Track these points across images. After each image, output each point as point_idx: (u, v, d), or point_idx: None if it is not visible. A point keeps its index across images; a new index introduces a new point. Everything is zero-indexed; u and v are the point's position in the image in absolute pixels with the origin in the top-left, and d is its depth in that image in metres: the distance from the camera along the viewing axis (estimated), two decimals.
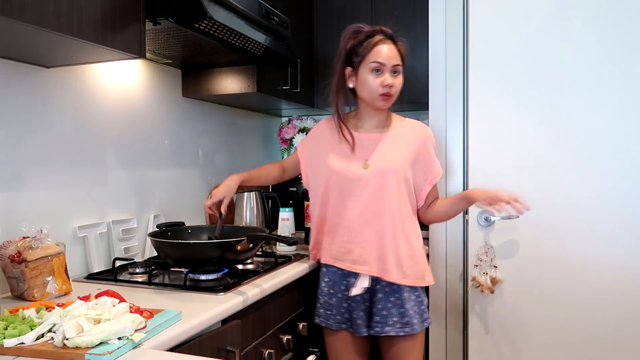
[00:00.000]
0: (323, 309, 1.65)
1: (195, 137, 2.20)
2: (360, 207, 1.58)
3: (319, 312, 1.66)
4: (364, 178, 1.57)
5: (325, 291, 1.64)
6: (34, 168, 1.46)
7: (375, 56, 1.53)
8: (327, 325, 1.64)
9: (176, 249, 1.46)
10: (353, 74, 1.59)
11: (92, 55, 1.39)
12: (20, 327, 0.97)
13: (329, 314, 1.63)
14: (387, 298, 1.58)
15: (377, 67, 1.53)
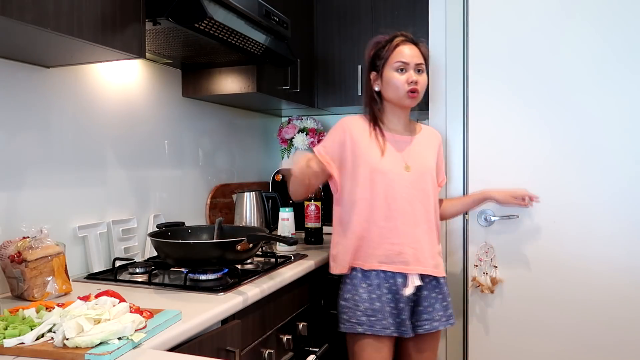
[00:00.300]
0: (365, 316, 1.57)
1: (195, 137, 2.20)
2: (408, 209, 1.59)
3: (360, 320, 1.58)
4: (407, 179, 1.60)
5: (366, 297, 1.58)
6: (34, 168, 1.46)
7: (398, 56, 1.59)
8: (374, 332, 1.57)
9: (176, 249, 1.46)
10: (378, 77, 1.64)
11: (92, 55, 1.39)
12: (20, 327, 0.97)
13: (373, 320, 1.57)
14: (430, 294, 1.62)
15: (401, 66, 1.58)
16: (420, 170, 1.63)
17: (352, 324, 1.59)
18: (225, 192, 2.34)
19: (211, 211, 2.24)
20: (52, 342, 0.94)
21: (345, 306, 1.61)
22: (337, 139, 1.64)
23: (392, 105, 1.66)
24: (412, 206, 1.60)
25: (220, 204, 2.31)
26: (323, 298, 1.93)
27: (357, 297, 1.59)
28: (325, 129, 2.77)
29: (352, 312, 1.59)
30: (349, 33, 2.50)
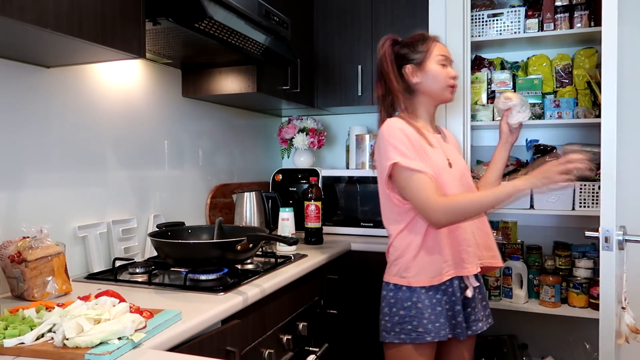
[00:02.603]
0: (431, 324, 1.48)
1: (195, 137, 2.20)
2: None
3: (427, 328, 1.47)
4: (454, 176, 1.54)
5: (428, 304, 1.48)
6: (34, 168, 1.46)
7: (440, 50, 1.59)
8: (440, 339, 1.49)
9: (176, 249, 1.46)
10: (417, 70, 1.57)
11: (92, 55, 1.39)
12: (20, 327, 0.97)
13: (438, 326, 1.48)
14: (476, 295, 1.58)
15: (443, 60, 1.58)
16: (460, 165, 1.60)
17: (419, 333, 1.48)
18: (225, 192, 2.34)
19: (211, 211, 2.24)
20: (52, 342, 0.94)
21: (407, 315, 1.49)
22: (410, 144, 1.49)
23: (429, 101, 1.60)
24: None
25: (220, 204, 2.31)
26: (323, 298, 1.93)
27: (421, 305, 1.49)
28: (325, 129, 2.77)
29: (418, 321, 1.48)
30: (349, 33, 2.50)
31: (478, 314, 1.58)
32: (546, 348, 2.48)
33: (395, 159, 1.45)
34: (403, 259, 1.52)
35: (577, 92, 2.26)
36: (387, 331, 1.53)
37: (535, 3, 2.27)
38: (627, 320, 1.47)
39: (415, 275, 1.50)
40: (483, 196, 1.43)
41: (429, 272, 1.49)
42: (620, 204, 1.59)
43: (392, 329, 1.52)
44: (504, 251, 2.38)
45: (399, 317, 1.51)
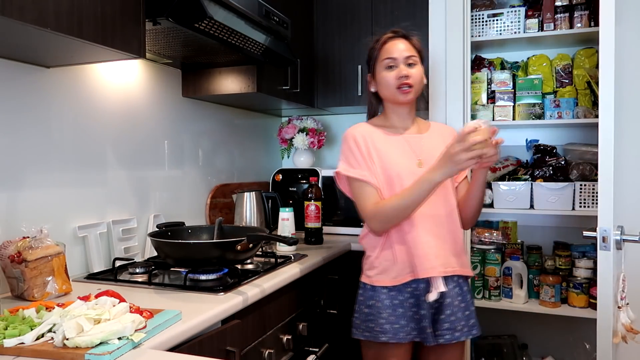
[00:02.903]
0: (389, 324, 1.49)
1: (195, 137, 2.20)
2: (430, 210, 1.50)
3: (383, 328, 1.49)
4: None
5: (387, 304, 1.50)
6: (34, 168, 1.46)
7: (385, 53, 1.54)
8: (398, 340, 1.48)
9: (176, 249, 1.46)
10: (372, 78, 1.61)
11: (92, 55, 1.39)
12: (20, 327, 0.97)
13: (397, 328, 1.49)
14: (453, 302, 1.51)
15: (390, 62, 1.53)
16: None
17: (375, 333, 1.50)
18: (225, 192, 2.34)
19: (211, 211, 2.24)
20: (52, 342, 0.94)
21: (370, 313, 1.52)
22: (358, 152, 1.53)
23: (391, 104, 1.59)
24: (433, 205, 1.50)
25: (220, 204, 2.31)
26: (323, 298, 1.93)
27: (380, 304, 1.51)
28: (325, 129, 2.77)
29: (376, 320, 1.50)
30: (349, 33, 2.50)
31: (456, 322, 1.51)
32: (546, 348, 2.48)
33: (339, 167, 1.57)
34: (369, 258, 1.58)
35: (577, 92, 2.26)
36: (356, 327, 1.57)
37: (535, 3, 2.27)
38: (623, 319, 1.48)
39: (376, 275, 1.53)
40: (402, 199, 1.44)
41: (389, 273, 1.51)
42: (619, 204, 1.59)
43: (359, 326, 1.56)
44: (504, 251, 2.38)
45: (364, 315, 1.55)
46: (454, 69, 2.11)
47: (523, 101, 2.28)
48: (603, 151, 1.49)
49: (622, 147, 1.74)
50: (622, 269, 1.53)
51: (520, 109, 2.29)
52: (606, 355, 1.50)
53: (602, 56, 1.48)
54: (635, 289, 1.63)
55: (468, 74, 2.15)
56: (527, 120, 2.27)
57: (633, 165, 1.76)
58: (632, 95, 1.76)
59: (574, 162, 2.25)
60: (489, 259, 2.32)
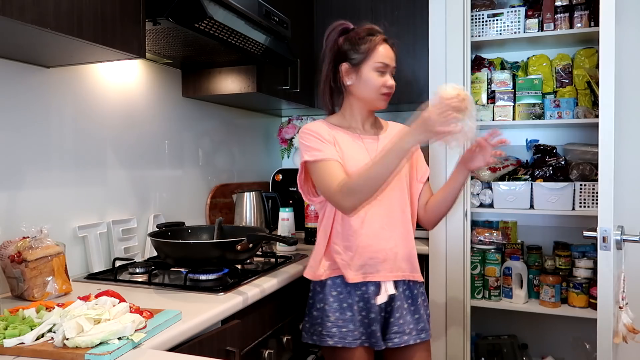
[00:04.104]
0: (336, 327, 1.45)
1: (195, 137, 2.20)
2: (382, 212, 1.48)
3: (330, 332, 1.45)
4: None
5: (336, 306, 1.46)
6: (34, 168, 1.46)
7: (381, 57, 1.48)
8: (345, 345, 1.44)
9: (176, 249, 1.46)
10: (353, 72, 1.50)
11: (92, 55, 1.39)
12: (20, 327, 0.97)
13: (345, 332, 1.45)
14: (402, 305, 1.49)
15: (382, 67, 1.48)
16: None
17: (322, 336, 1.47)
18: (225, 192, 2.34)
19: (211, 211, 2.24)
20: (52, 342, 0.94)
21: (318, 316, 1.49)
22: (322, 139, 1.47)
23: (361, 105, 1.54)
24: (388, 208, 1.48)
25: (220, 204, 2.31)
26: None
27: (327, 307, 1.47)
28: None
29: (324, 324, 1.47)
30: None
31: (403, 326, 1.48)
32: (546, 348, 2.48)
33: (305, 157, 1.46)
34: (316, 253, 1.53)
35: (577, 92, 2.26)
36: (305, 331, 1.54)
37: (535, 3, 2.27)
38: (625, 319, 1.48)
39: (322, 271, 1.49)
40: (372, 168, 1.33)
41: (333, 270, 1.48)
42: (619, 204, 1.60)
43: (308, 330, 1.53)
44: (504, 251, 2.38)
45: (312, 317, 1.52)
46: (454, 69, 2.11)
47: (523, 101, 2.28)
48: (603, 151, 1.49)
49: (622, 147, 1.74)
50: (623, 269, 1.53)
51: (520, 109, 2.29)
52: (606, 355, 1.50)
53: (602, 56, 1.48)
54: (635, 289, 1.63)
55: (468, 74, 2.15)
56: (527, 120, 2.27)
57: (633, 165, 1.76)
58: (632, 95, 1.76)
59: (574, 162, 2.25)
60: (489, 259, 2.32)
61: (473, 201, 2.33)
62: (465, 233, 2.12)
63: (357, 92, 1.52)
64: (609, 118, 1.48)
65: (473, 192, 2.33)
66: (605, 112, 1.49)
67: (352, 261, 1.45)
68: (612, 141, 1.48)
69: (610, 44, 1.47)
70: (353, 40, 1.51)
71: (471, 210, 2.19)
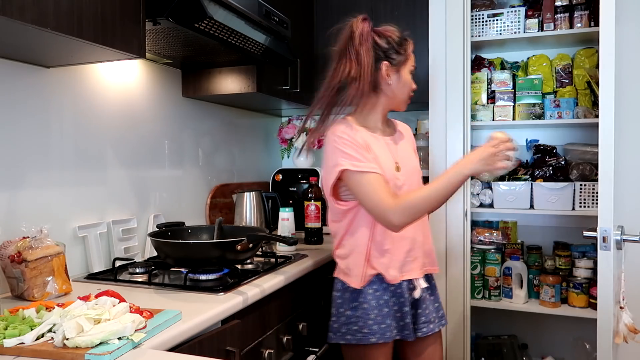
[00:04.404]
0: (377, 324, 1.47)
1: (195, 137, 2.20)
2: None
3: (372, 329, 1.46)
4: (401, 179, 1.50)
5: (374, 304, 1.48)
6: (34, 168, 1.46)
7: (414, 60, 1.55)
8: (385, 340, 1.48)
9: (176, 249, 1.46)
10: (393, 72, 1.50)
11: (92, 55, 1.39)
12: (20, 327, 0.97)
13: (384, 328, 1.48)
14: (426, 297, 1.57)
15: (414, 71, 1.56)
16: (409, 168, 1.55)
17: (364, 334, 1.47)
18: (225, 192, 2.34)
19: (211, 211, 2.24)
20: (52, 342, 0.94)
21: (353, 316, 1.49)
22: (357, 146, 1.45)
23: (388, 104, 1.55)
24: None
25: (220, 204, 2.31)
26: (323, 298, 1.93)
27: (367, 305, 1.48)
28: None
29: (363, 322, 1.47)
30: None
31: (429, 315, 1.56)
32: (546, 348, 2.48)
33: (343, 165, 1.42)
34: (350, 258, 1.51)
35: (577, 92, 2.26)
36: (333, 332, 1.53)
37: (535, 3, 2.27)
38: (626, 320, 1.48)
39: (353, 276, 1.49)
40: (433, 190, 1.38)
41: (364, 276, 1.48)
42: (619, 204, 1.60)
43: (338, 330, 1.52)
44: (504, 251, 2.38)
45: (345, 317, 1.50)
46: (454, 69, 2.11)
47: (523, 101, 2.28)
48: (603, 151, 1.49)
49: (622, 147, 1.74)
50: (623, 269, 1.53)
51: (520, 109, 2.29)
52: (606, 355, 1.50)
53: (602, 56, 1.48)
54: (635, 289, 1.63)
55: (468, 74, 2.16)
56: (527, 120, 2.27)
57: (633, 165, 1.76)
58: (632, 95, 1.76)
59: (574, 162, 2.25)
60: (489, 259, 2.32)
61: (473, 201, 2.33)
62: (465, 233, 2.12)
63: (392, 92, 1.52)
64: (609, 118, 1.49)
65: (473, 192, 2.33)
66: (605, 112, 1.49)
67: (391, 263, 1.49)
68: (612, 141, 1.48)
69: (610, 44, 1.47)
70: (392, 40, 1.50)
71: (471, 210, 2.19)
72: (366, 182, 1.40)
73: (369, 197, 1.40)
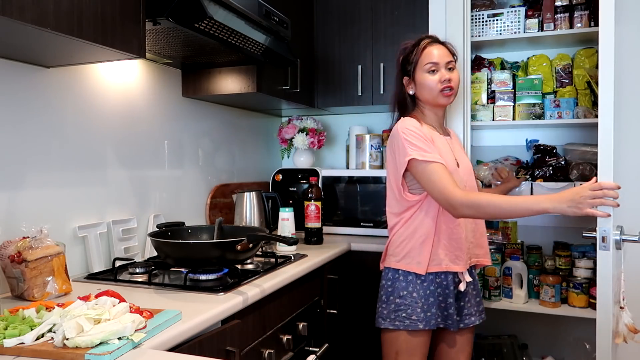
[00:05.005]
0: (424, 312, 1.58)
1: (195, 137, 2.20)
2: None
3: (419, 316, 1.58)
4: (461, 175, 1.62)
5: (422, 294, 1.59)
6: (34, 168, 1.46)
7: (427, 58, 1.61)
8: (430, 327, 1.59)
9: (176, 249, 1.46)
10: (411, 81, 1.66)
11: (92, 55, 1.39)
12: (20, 327, 0.97)
13: (430, 316, 1.59)
14: (470, 290, 1.66)
15: (432, 67, 1.61)
16: (466, 166, 1.69)
17: (412, 321, 1.59)
18: (225, 192, 2.34)
19: (211, 211, 2.24)
20: (52, 342, 0.94)
21: (402, 303, 1.60)
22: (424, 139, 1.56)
23: (430, 106, 1.67)
24: None
25: (220, 204, 2.31)
26: (323, 298, 1.93)
27: (415, 294, 1.60)
28: (325, 129, 2.77)
29: (412, 309, 1.59)
30: (349, 33, 2.50)
31: (471, 308, 1.68)
32: (546, 348, 2.48)
33: (411, 154, 1.53)
34: (404, 246, 1.61)
35: (577, 92, 2.26)
36: (383, 318, 1.63)
37: (535, 3, 2.27)
38: (626, 319, 1.48)
39: (414, 263, 1.59)
40: (504, 204, 1.42)
41: (426, 262, 1.58)
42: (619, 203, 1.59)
43: (388, 316, 1.62)
44: (504, 251, 2.38)
45: (394, 305, 1.61)
46: None
47: (523, 101, 2.28)
48: (603, 151, 1.49)
49: (622, 147, 1.74)
50: (622, 269, 1.53)
51: (520, 109, 2.28)
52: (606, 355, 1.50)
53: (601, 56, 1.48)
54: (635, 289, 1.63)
55: (468, 74, 2.15)
56: (527, 120, 2.27)
57: (633, 165, 1.76)
58: (632, 95, 1.76)
59: (574, 162, 2.25)
60: None
61: None
62: None
63: (421, 97, 1.67)
64: (608, 118, 1.49)
65: None
66: (604, 112, 1.49)
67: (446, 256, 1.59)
68: (611, 141, 1.48)
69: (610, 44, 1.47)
70: (406, 53, 1.68)
71: None
72: (433, 170, 1.50)
73: (436, 184, 1.50)
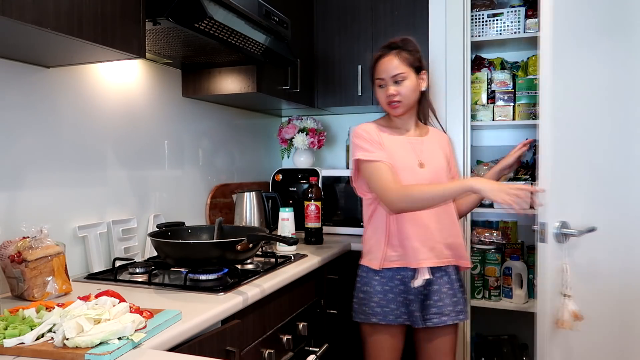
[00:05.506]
0: (379, 307, 1.67)
1: (195, 137, 2.20)
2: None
3: (374, 311, 1.68)
4: (423, 175, 1.65)
5: (379, 289, 1.68)
6: (34, 168, 1.46)
7: (377, 73, 1.68)
8: (387, 322, 1.67)
9: (176, 249, 1.46)
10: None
11: (92, 55, 1.39)
12: (20, 327, 0.97)
13: (387, 311, 1.67)
14: (441, 289, 1.67)
15: (380, 82, 1.68)
16: (434, 167, 1.69)
17: (366, 315, 1.69)
18: (225, 192, 2.34)
19: (211, 211, 2.24)
20: (52, 342, 0.94)
21: (365, 298, 1.70)
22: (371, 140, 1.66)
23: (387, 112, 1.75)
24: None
25: (220, 204, 2.31)
26: (323, 298, 1.93)
27: (373, 289, 1.68)
28: (325, 129, 2.77)
29: (371, 303, 1.68)
30: (349, 33, 2.50)
31: (443, 307, 1.67)
32: None
33: (357, 155, 1.66)
34: (367, 243, 1.73)
35: None
36: (354, 311, 1.75)
37: (535, 3, 2.26)
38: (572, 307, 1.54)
39: (373, 259, 1.68)
40: (432, 189, 1.53)
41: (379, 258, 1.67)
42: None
43: (356, 310, 1.74)
44: (504, 251, 2.38)
45: (358, 299, 1.73)
46: (454, 69, 2.11)
47: (523, 101, 2.29)
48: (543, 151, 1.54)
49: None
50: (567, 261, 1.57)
51: (520, 109, 2.29)
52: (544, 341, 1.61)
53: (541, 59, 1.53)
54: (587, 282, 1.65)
55: (468, 74, 2.16)
56: (527, 120, 2.27)
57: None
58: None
59: None
60: (489, 259, 2.32)
61: None
62: (465, 233, 2.12)
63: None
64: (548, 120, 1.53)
65: None
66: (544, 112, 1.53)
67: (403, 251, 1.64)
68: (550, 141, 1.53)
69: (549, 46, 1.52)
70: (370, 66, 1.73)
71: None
72: (374, 168, 1.61)
73: (375, 181, 1.61)
